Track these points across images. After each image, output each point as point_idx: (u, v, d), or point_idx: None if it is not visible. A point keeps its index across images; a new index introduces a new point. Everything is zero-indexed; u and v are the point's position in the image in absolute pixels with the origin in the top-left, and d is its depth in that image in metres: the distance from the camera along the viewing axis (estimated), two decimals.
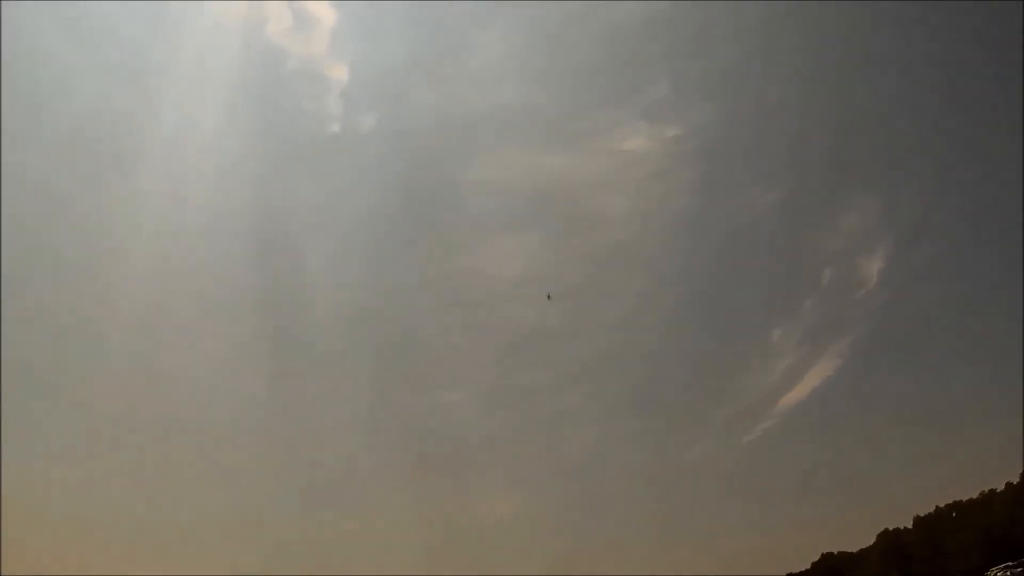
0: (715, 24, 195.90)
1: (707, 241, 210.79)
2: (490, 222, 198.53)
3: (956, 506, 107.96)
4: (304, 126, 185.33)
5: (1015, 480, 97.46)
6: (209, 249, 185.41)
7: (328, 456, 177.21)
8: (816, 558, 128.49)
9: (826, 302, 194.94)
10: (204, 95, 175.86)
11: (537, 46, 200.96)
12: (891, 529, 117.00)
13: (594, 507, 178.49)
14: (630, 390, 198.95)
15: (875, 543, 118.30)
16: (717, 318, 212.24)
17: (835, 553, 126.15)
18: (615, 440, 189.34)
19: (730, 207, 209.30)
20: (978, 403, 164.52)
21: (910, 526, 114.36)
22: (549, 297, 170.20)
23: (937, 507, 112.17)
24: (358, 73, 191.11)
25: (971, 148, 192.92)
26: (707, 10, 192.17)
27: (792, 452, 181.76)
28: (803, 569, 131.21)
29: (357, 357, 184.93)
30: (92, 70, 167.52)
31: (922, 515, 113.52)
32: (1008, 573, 73.65)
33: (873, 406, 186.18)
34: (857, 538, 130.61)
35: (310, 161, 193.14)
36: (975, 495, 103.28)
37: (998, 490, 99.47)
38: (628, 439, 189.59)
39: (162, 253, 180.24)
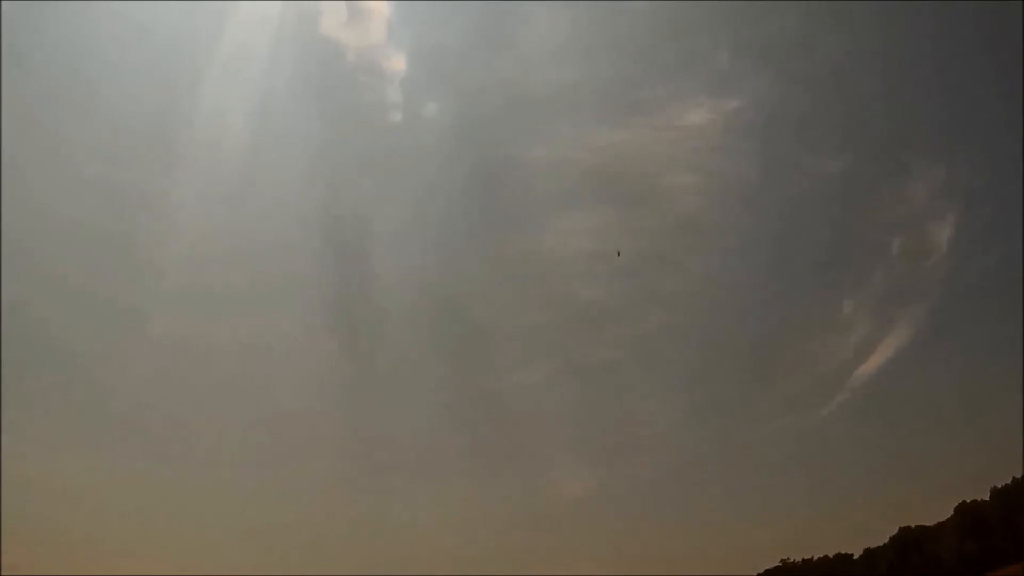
0: None
1: (773, 213, 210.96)
2: (553, 200, 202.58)
3: None
4: (366, 117, 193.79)
5: None
6: (276, 241, 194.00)
7: (396, 439, 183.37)
8: (894, 533, 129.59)
9: (896, 271, 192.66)
10: (264, 93, 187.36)
11: (593, 23, 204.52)
12: (968, 502, 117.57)
13: (667, 484, 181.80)
14: (702, 365, 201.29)
15: (952, 516, 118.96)
16: (787, 291, 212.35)
17: (912, 527, 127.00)
18: (687, 416, 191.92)
19: (794, 178, 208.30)
20: None
21: (987, 498, 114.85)
22: (619, 254, 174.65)
23: (1014, 479, 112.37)
24: (415, 62, 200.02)
25: None
26: None
27: (867, 425, 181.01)
28: (881, 544, 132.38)
29: (424, 340, 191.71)
30: (148, 71, 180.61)
31: (999, 487, 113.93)
32: None
33: (947, 376, 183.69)
34: (934, 511, 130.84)
35: (373, 151, 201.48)
36: None
37: None
38: (701, 415, 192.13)
39: (232, 245, 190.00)
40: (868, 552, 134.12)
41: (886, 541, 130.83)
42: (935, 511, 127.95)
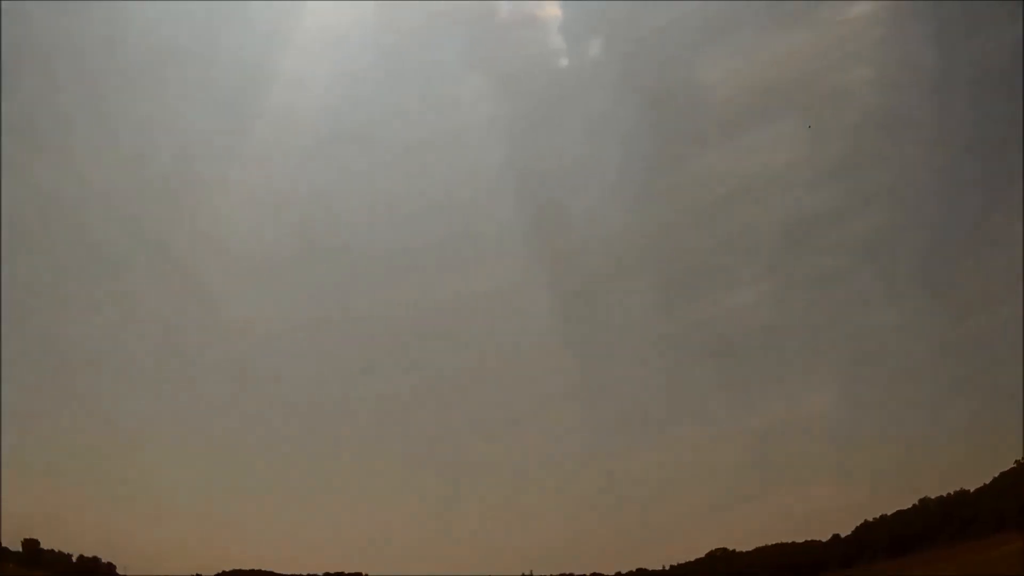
0: None
1: (958, 92, 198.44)
2: (737, 116, 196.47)
3: None
4: (533, 69, 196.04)
5: None
6: (468, 201, 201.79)
7: (621, 380, 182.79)
8: None
9: None
10: (428, 59, 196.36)
11: None
12: None
13: (902, 391, 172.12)
14: (918, 264, 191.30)
15: None
16: (988, 172, 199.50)
17: None
18: (912, 319, 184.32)
19: (967, 55, 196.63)
20: None
21: None
22: (809, 127, 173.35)
23: None
24: (570, 6, 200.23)
25: None
26: None
27: None
28: None
29: (630, 277, 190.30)
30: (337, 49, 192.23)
31: None
32: None
33: None
34: None
35: (546, 101, 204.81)
36: None
37: None
38: (924, 317, 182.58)
39: (426, 207, 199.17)
40: None
41: None
42: None
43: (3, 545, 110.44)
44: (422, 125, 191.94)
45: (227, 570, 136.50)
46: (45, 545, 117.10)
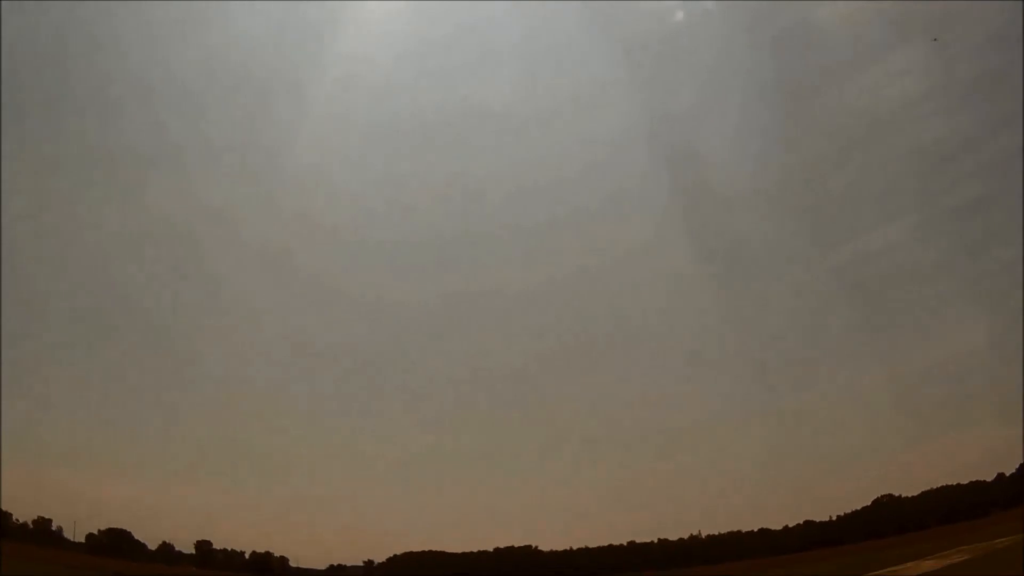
0: None
1: None
2: (859, 48, 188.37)
3: None
4: (650, 27, 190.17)
5: None
6: (604, 164, 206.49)
7: (776, 325, 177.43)
8: None
9: None
10: (550, 32, 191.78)
11: None
12: None
13: None
14: None
15: None
16: None
17: None
18: None
19: None
20: None
21: None
22: (935, 40, 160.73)
23: None
24: None
25: None
26: None
27: None
28: None
29: (775, 218, 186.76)
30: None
31: None
32: None
33: None
34: None
35: (669, 55, 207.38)
36: None
37: None
38: None
39: (563, 173, 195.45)
40: None
41: None
42: None
43: (177, 549, 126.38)
44: (547, 95, 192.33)
45: (398, 553, 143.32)
46: (217, 545, 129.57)
